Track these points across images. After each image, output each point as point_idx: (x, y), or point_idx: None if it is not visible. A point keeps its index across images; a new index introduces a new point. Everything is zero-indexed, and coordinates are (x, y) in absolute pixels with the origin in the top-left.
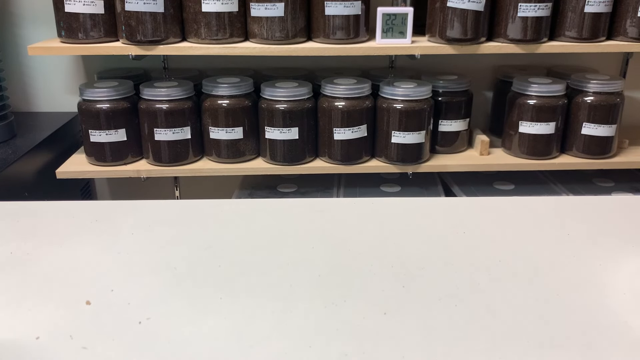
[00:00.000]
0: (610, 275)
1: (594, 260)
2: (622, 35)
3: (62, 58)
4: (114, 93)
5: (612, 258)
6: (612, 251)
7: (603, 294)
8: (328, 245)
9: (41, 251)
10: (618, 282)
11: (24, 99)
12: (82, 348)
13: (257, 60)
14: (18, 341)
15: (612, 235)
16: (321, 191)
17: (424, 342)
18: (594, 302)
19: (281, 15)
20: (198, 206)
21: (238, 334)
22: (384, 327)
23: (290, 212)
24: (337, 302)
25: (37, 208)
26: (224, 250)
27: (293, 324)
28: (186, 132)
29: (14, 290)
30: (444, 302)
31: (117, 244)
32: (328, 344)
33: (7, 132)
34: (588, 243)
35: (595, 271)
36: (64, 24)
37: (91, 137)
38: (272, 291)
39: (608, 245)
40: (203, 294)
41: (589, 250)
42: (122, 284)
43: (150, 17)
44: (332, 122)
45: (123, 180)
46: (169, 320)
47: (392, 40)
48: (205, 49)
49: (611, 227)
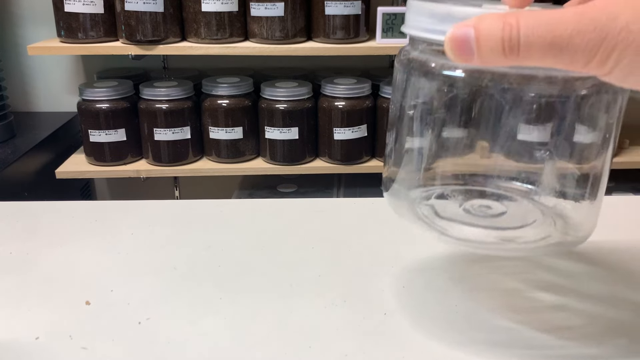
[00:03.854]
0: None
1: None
2: None
3: (61, 58)
4: (114, 93)
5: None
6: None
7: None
8: (328, 245)
9: (40, 251)
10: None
11: (24, 99)
12: (81, 348)
13: (257, 60)
14: (17, 341)
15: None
16: (321, 191)
17: (424, 342)
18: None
19: (281, 15)
20: (198, 206)
21: (238, 334)
22: (384, 327)
23: (290, 212)
24: (337, 302)
25: (36, 208)
26: (224, 250)
27: (293, 324)
28: (186, 132)
29: (14, 290)
30: (444, 302)
31: (116, 244)
32: (328, 344)
33: (7, 132)
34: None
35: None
36: (64, 24)
37: (91, 137)
38: (272, 291)
39: (608, 245)
40: (203, 294)
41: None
42: (122, 284)
43: (150, 17)
44: (332, 122)
45: (123, 181)
46: (168, 321)
47: (392, 40)
48: (205, 48)
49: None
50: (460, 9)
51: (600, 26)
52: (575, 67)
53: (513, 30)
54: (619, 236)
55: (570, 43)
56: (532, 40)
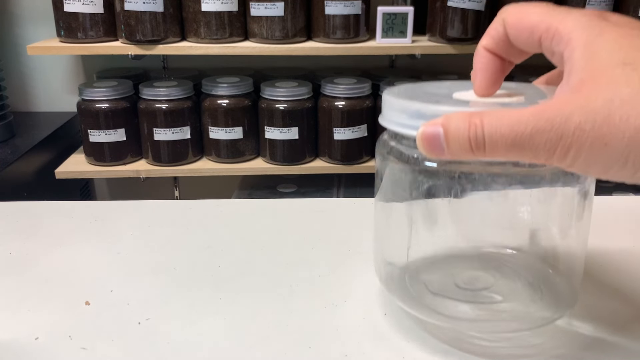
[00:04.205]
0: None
1: (594, 260)
2: None
3: (61, 58)
4: (114, 93)
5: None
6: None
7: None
8: (328, 245)
9: (40, 251)
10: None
11: (23, 99)
12: (81, 349)
13: (257, 60)
14: (17, 341)
15: (612, 235)
16: (321, 191)
17: (424, 342)
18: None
19: (281, 15)
20: (198, 206)
21: (238, 334)
22: (384, 327)
23: (290, 212)
24: (337, 302)
25: (36, 208)
26: (223, 250)
27: (293, 324)
28: (186, 132)
29: (13, 290)
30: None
31: (116, 244)
32: (328, 344)
33: (6, 132)
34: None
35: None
36: (63, 24)
37: (90, 137)
38: (271, 291)
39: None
40: (203, 294)
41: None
42: (122, 284)
43: (150, 17)
44: (332, 122)
45: (122, 181)
46: (168, 321)
47: (392, 39)
48: (205, 48)
49: (611, 227)
50: (430, 107)
51: (557, 126)
52: (539, 161)
53: (478, 130)
54: (619, 236)
55: (530, 141)
56: (496, 139)
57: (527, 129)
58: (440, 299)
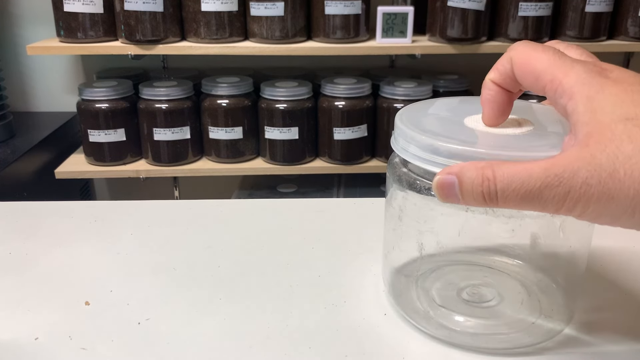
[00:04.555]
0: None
1: (594, 260)
2: (623, 34)
3: (61, 58)
4: (113, 93)
5: (613, 258)
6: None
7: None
8: (328, 245)
9: (40, 251)
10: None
11: (23, 99)
12: (81, 349)
13: (256, 59)
14: (17, 341)
15: (612, 235)
16: (321, 191)
17: (424, 343)
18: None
19: (281, 15)
20: (198, 206)
21: (238, 334)
22: (384, 327)
23: (290, 212)
24: (337, 303)
25: (35, 208)
26: (223, 251)
27: (293, 324)
28: (185, 132)
29: (13, 290)
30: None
31: (116, 244)
32: (328, 344)
33: (6, 132)
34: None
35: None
36: (63, 24)
37: (90, 137)
38: (272, 291)
39: (608, 246)
40: (203, 294)
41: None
42: (122, 284)
43: (150, 17)
44: (332, 122)
45: (122, 181)
46: (168, 321)
47: (392, 39)
48: (205, 48)
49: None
50: (444, 145)
51: (564, 182)
52: (549, 212)
53: (491, 185)
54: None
55: (540, 195)
56: (508, 194)
57: (537, 184)
58: (446, 311)
